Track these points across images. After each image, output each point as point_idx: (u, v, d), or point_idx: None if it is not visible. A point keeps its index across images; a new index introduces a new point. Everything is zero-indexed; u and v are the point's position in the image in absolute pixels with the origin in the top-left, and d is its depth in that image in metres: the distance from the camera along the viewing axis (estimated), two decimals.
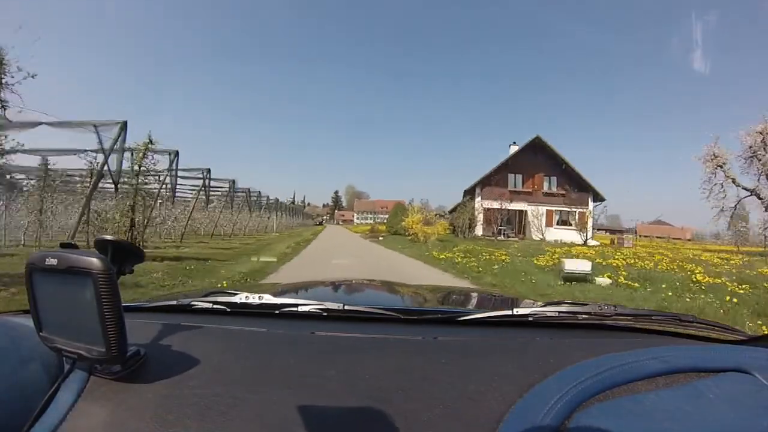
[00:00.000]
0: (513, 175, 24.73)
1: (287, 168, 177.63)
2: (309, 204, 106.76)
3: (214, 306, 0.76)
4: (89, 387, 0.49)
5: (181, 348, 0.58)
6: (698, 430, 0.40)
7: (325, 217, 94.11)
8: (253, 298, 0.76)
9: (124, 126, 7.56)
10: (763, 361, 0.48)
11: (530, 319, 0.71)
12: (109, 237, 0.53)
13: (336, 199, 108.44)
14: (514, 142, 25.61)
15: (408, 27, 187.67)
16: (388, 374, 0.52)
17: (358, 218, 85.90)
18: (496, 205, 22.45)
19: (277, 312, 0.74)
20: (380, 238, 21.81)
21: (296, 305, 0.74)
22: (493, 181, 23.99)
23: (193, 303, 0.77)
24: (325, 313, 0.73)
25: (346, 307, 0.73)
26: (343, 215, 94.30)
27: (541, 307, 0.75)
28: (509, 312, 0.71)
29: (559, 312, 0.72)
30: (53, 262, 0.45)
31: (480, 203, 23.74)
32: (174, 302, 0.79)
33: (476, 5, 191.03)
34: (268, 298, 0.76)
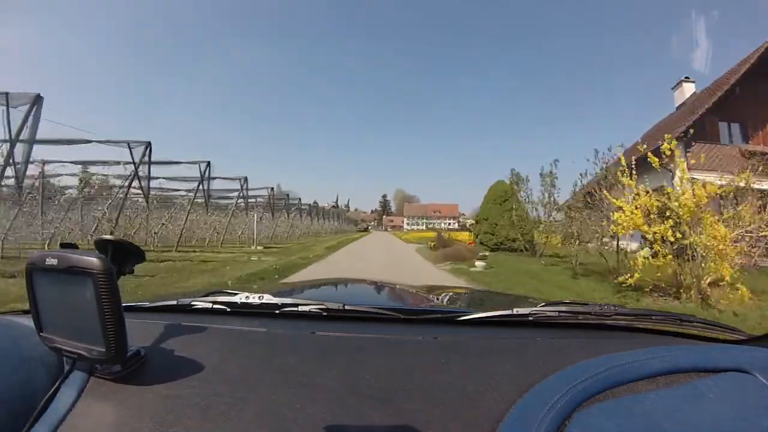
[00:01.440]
0: (726, 124, 12.05)
1: (338, 175, 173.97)
2: (356, 209, 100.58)
3: (215, 306, 0.76)
4: (89, 387, 0.49)
5: (181, 348, 0.58)
6: (698, 430, 0.40)
7: (371, 223, 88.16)
8: (254, 298, 0.76)
9: (37, 100, 6.04)
10: (763, 361, 0.48)
11: (530, 318, 0.70)
12: (109, 237, 0.52)
13: (384, 204, 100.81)
14: (687, 77, 14.34)
15: (462, 22, 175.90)
16: (388, 374, 0.52)
17: (408, 224, 78.95)
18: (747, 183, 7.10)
19: (277, 312, 0.74)
20: (477, 263, 8.67)
21: (296, 305, 0.74)
22: (700, 133, 10.55)
23: (193, 303, 0.78)
24: (325, 313, 0.72)
25: (346, 307, 0.73)
26: (391, 221, 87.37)
27: (542, 306, 0.74)
28: (509, 312, 0.71)
29: (560, 312, 0.72)
30: (53, 262, 0.45)
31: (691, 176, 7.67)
32: (174, 302, 0.79)
33: None
34: (268, 298, 0.76)
